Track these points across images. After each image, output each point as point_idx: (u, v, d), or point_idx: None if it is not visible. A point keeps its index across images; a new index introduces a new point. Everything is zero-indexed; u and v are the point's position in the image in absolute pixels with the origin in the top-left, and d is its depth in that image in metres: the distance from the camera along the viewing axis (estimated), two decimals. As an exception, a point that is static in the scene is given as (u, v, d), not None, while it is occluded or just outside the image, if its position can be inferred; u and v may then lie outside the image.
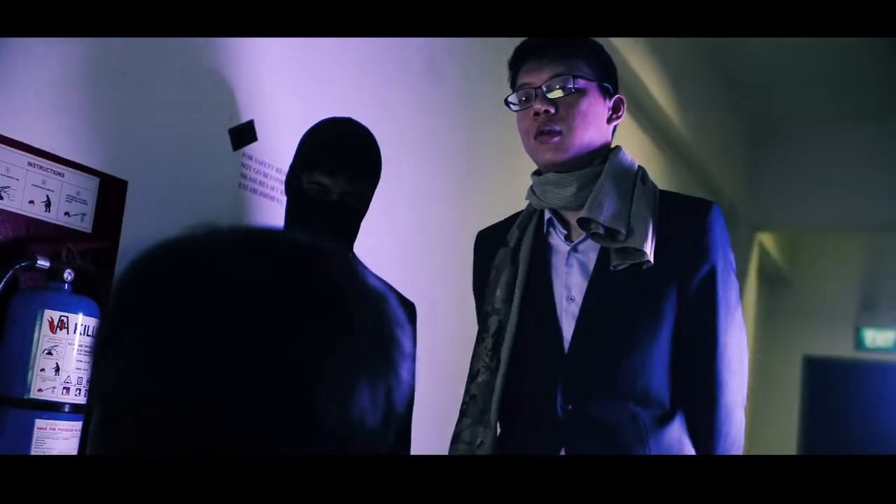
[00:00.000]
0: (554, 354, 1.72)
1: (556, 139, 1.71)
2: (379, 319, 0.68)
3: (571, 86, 1.72)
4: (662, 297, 1.70)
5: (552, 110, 1.71)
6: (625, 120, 1.82)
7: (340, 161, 1.87)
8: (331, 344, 0.65)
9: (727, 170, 6.28)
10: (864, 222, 6.84)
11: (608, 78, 1.79)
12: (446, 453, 1.81)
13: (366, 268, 0.92)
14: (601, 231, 1.69)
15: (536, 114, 1.72)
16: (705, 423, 1.71)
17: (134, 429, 0.65)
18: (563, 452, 1.68)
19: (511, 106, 1.78)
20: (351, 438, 0.65)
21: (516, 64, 1.79)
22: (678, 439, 1.70)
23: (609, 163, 1.74)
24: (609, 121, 1.79)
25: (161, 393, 0.63)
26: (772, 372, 8.26)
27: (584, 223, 1.71)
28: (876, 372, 8.31)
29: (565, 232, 1.78)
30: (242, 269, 0.66)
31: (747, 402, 1.78)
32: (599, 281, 1.72)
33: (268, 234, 0.70)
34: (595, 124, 1.75)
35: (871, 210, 6.47)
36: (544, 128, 1.72)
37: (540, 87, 1.72)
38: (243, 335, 0.63)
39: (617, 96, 1.80)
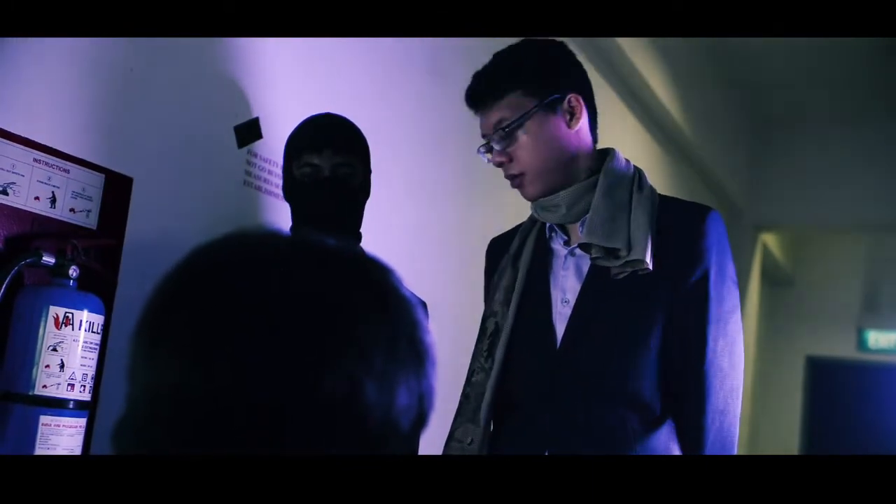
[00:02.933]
0: (546, 356, 1.71)
1: (519, 181, 1.73)
2: (416, 328, 0.72)
3: (515, 130, 1.69)
4: (656, 301, 1.67)
5: (505, 160, 1.72)
6: (629, 120, 1.82)
7: (323, 137, 1.92)
8: (376, 346, 0.68)
9: (731, 169, 6.28)
10: (867, 223, 6.84)
11: (552, 86, 1.70)
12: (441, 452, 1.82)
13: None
14: (602, 255, 1.67)
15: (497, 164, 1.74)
16: (692, 429, 1.67)
17: (181, 427, 0.66)
18: (548, 454, 1.67)
19: (482, 157, 1.79)
20: (387, 437, 0.68)
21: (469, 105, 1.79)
22: (666, 445, 1.67)
23: (602, 175, 1.71)
24: (570, 127, 1.71)
25: (213, 389, 0.64)
26: (774, 372, 8.26)
27: (585, 247, 1.70)
28: (878, 373, 8.31)
29: (565, 237, 1.78)
30: (296, 274, 0.68)
31: (750, 403, 1.77)
32: (592, 284, 1.71)
33: (317, 241, 0.73)
34: (553, 145, 1.70)
35: (875, 211, 6.47)
36: (506, 175, 1.75)
37: (489, 140, 1.73)
38: (296, 336, 0.66)
39: (568, 97, 1.71)
